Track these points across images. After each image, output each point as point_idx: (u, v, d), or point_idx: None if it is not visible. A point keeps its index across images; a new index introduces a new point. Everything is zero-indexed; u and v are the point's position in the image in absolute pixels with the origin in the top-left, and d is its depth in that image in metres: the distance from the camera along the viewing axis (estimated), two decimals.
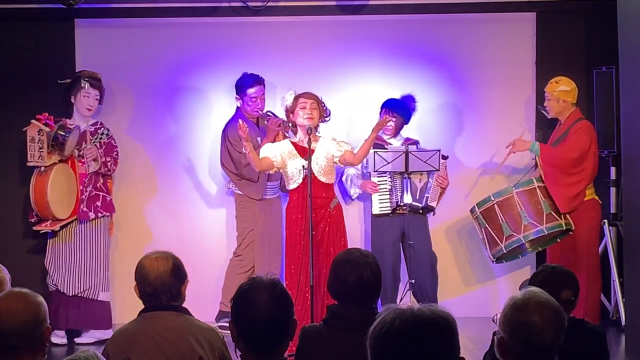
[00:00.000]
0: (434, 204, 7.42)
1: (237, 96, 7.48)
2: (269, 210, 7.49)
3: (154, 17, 7.91)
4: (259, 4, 7.84)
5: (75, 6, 7.19)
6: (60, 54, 7.78)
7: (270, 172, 6.94)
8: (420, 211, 7.37)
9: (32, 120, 7.05)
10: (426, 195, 7.36)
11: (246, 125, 6.54)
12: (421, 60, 7.95)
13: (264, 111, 7.50)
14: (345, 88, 7.88)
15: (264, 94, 7.48)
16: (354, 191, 7.61)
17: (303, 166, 6.62)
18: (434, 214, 7.54)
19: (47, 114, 7.12)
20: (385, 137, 7.47)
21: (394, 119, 7.39)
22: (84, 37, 7.84)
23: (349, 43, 7.94)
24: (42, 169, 7.10)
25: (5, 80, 7.75)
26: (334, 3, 7.94)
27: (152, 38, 7.92)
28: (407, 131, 7.66)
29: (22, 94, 7.75)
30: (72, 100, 7.39)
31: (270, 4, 7.84)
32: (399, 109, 7.44)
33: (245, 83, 7.42)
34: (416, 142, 7.55)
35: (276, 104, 7.55)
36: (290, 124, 6.90)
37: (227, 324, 3.01)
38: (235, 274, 7.49)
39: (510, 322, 2.89)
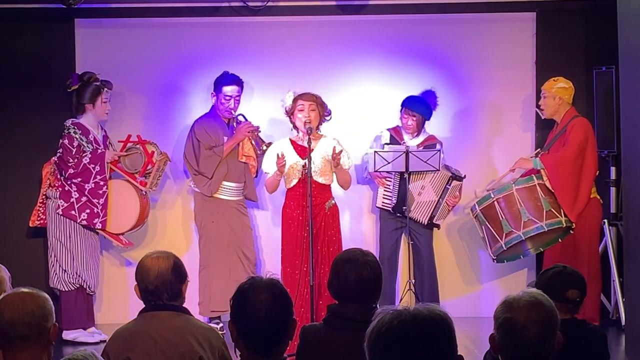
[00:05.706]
0: (440, 222, 7.46)
1: (213, 92, 7.48)
2: (222, 212, 7.40)
3: (154, 17, 7.91)
4: (259, 4, 7.84)
5: (75, 6, 7.19)
6: (60, 54, 7.78)
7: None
8: (423, 225, 7.39)
9: (165, 152, 7.49)
10: (434, 214, 7.35)
11: (285, 158, 6.58)
12: (421, 60, 7.95)
13: (237, 114, 7.48)
14: (345, 88, 7.88)
15: (239, 96, 7.44)
16: (366, 174, 7.61)
17: (303, 166, 6.61)
18: (438, 229, 7.59)
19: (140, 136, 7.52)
20: (405, 138, 7.45)
21: (414, 118, 7.38)
22: (84, 37, 7.84)
23: (349, 43, 7.94)
24: (145, 192, 7.48)
25: (6, 80, 7.75)
26: (334, 3, 7.94)
27: (152, 38, 7.92)
28: (436, 129, 7.65)
29: (22, 94, 7.75)
30: (91, 107, 7.37)
31: (270, 4, 7.84)
32: (417, 107, 7.40)
33: (223, 80, 7.41)
34: (438, 144, 7.45)
35: (276, 104, 7.54)
36: (259, 132, 7.12)
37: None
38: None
39: (498, 318, 2.92)
